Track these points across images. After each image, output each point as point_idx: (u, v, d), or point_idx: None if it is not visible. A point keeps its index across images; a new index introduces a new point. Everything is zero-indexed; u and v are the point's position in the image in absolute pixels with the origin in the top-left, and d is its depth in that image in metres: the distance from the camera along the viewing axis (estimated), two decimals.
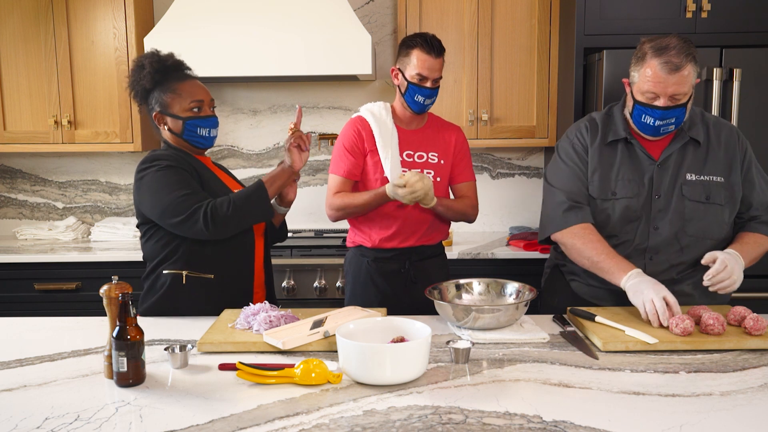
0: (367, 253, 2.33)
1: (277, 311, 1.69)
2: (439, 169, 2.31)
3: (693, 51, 1.80)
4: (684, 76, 1.77)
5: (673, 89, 1.78)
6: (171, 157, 1.88)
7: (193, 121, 1.91)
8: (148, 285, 1.94)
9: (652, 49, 1.80)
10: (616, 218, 1.90)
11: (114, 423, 1.19)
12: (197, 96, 1.93)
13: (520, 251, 3.04)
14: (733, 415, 1.21)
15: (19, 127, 3.23)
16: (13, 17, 3.16)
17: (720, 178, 1.88)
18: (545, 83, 3.17)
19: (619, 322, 1.66)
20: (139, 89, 1.93)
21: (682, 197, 1.88)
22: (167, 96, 1.91)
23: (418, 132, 2.34)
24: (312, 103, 3.52)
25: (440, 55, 2.22)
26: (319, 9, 3.04)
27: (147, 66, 1.90)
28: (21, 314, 2.18)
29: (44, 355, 1.56)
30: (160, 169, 1.84)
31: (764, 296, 2.65)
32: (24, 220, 3.62)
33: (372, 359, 1.32)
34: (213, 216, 1.78)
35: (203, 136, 1.94)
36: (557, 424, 1.16)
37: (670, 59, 1.77)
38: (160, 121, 1.94)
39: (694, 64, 1.79)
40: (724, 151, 1.90)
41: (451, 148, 2.35)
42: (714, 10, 2.76)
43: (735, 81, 2.64)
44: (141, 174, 1.87)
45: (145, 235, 1.94)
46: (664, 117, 1.82)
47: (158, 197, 1.82)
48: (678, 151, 1.91)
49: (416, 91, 2.22)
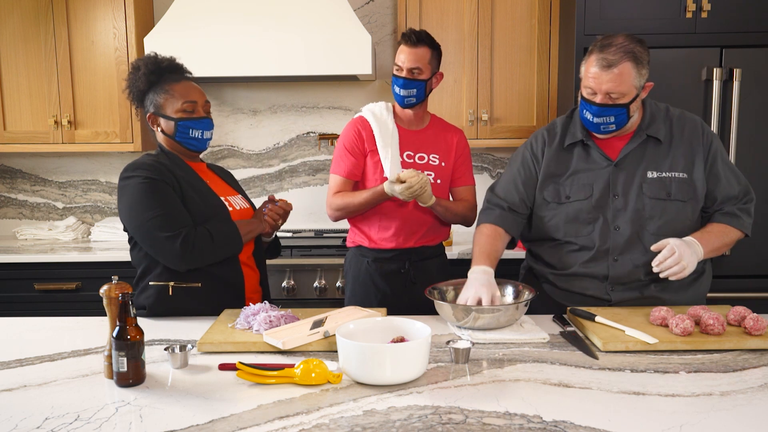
0: (367, 253, 2.33)
1: (277, 311, 1.69)
2: (439, 171, 2.31)
3: (637, 51, 1.77)
4: (619, 74, 1.76)
5: (607, 87, 1.78)
6: (154, 168, 1.82)
7: (185, 122, 1.88)
8: (137, 296, 1.90)
9: (597, 45, 1.81)
10: (569, 221, 1.92)
11: (114, 423, 1.19)
12: (190, 97, 1.89)
13: (519, 251, 3.03)
14: (733, 415, 1.21)
15: (19, 127, 3.23)
16: (13, 17, 3.16)
17: (683, 174, 1.87)
18: (545, 83, 3.17)
19: (619, 322, 1.67)
20: (135, 91, 1.92)
21: (641, 195, 1.87)
22: (161, 97, 1.89)
23: (420, 133, 2.33)
24: (312, 103, 3.52)
25: (416, 45, 2.19)
26: (319, 9, 3.04)
27: (142, 67, 1.89)
28: (21, 314, 2.18)
29: (44, 355, 1.56)
30: (140, 182, 1.79)
31: (764, 296, 2.64)
32: (24, 220, 3.62)
33: (372, 359, 1.32)
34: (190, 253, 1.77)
35: (196, 138, 1.91)
36: (557, 424, 1.16)
37: (606, 56, 1.77)
38: (154, 122, 1.92)
39: (635, 63, 1.77)
40: (686, 147, 1.89)
41: (452, 151, 2.35)
42: (714, 10, 2.76)
43: (735, 81, 2.64)
44: (122, 183, 1.83)
45: (131, 242, 1.91)
46: (601, 114, 1.82)
47: (134, 214, 1.79)
48: (636, 150, 1.90)
49: (394, 82, 2.23)
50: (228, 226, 1.86)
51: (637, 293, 1.88)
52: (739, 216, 1.88)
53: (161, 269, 1.85)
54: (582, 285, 1.92)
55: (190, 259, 1.79)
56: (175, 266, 1.81)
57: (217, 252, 1.84)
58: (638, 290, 1.88)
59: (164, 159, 1.89)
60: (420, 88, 2.23)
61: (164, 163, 1.87)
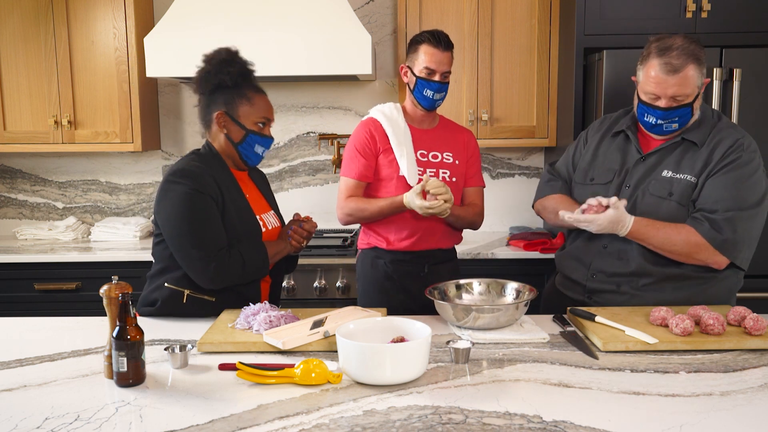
0: (383, 255, 2.30)
1: (277, 311, 1.69)
2: (454, 169, 2.29)
3: (698, 52, 1.79)
4: (684, 77, 1.77)
5: (673, 90, 1.78)
6: (201, 179, 1.78)
7: (255, 137, 1.88)
8: (149, 290, 1.88)
9: (656, 49, 1.81)
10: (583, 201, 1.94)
11: (114, 423, 1.19)
12: (267, 113, 1.91)
13: (520, 251, 3.03)
14: (733, 415, 1.21)
15: (19, 127, 3.23)
16: (13, 17, 3.16)
17: (692, 178, 1.85)
18: (545, 83, 3.17)
19: (619, 322, 1.67)
20: (216, 82, 1.84)
21: (645, 191, 1.88)
22: (241, 102, 1.86)
23: (431, 132, 2.32)
24: (312, 103, 3.52)
25: (448, 49, 2.21)
26: (319, 9, 3.04)
27: (237, 64, 1.85)
28: (21, 314, 2.18)
29: (44, 355, 1.56)
30: (186, 192, 1.76)
31: (764, 296, 2.64)
32: (24, 220, 3.62)
33: (372, 359, 1.32)
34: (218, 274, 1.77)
35: (257, 153, 1.91)
36: (557, 424, 1.16)
37: (670, 60, 1.77)
38: (222, 122, 1.86)
39: (698, 65, 1.79)
40: (708, 154, 1.86)
41: (465, 150, 2.34)
42: (714, 10, 2.76)
43: (735, 81, 2.64)
44: (166, 186, 1.79)
45: (157, 238, 1.88)
46: (666, 117, 1.83)
47: (173, 224, 1.77)
48: (667, 149, 1.91)
49: (425, 86, 2.21)
50: (259, 251, 1.85)
51: (614, 286, 1.90)
52: (701, 221, 1.79)
53: (181, 274, 1.83)
54: (570, 266, 1.99)
55: (219, 282, 1.80)
56: (203, 284, 1.81)
57: (246, 277, 1.85)
58: (615, 283, 1.90)
59: (212, 163, 1.86)
60: (445, 90, 2.26)
61: (211, 170, 1.83)
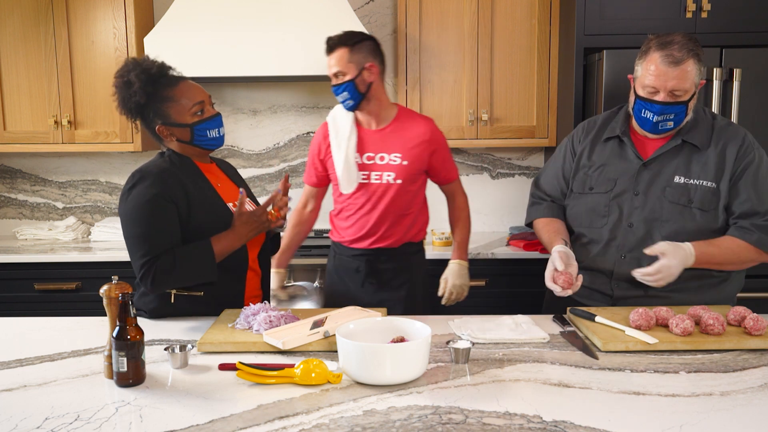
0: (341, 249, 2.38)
1: (277, 311, 1.69)
2: (400, 170, 2.24)
3: (697, 49, 1.80)
4: (684, 71, 1.78)
5: (672, 84, 1.79)
6: (160, 179, 1.76)
7: (200, 126, 1.84)
8: (137, 297, 1.87)
9: (656, 44, 1.82)
10: (587, 212, 1.96)
11: (114, 423, 1.19)
12: (197, 98, 1.83)
13: (520, 251, 3.03)
14: (733, 415, 1.21)
15: (19, 127, 3.23)
16: (13, 17, 3.16)
17: (711, 183, 1.85)
18: (545, 83, 3.17)
19: (619, 322, 1.67)
20: (133, 106, 1.81)
21: (662, 198, 1.87)
22: (165, 106, 1.81)
23: (381, 132, 2.27)
24: (312, 103, 3.52)
25: (330, 51, 2.18)
26: (319, 9, 3.04)
27: (135, 81, 1.78)
28: (21, 314, 2.18)
29: (44, 355, 1.56)
30: (139, 193, 1.74)
31: (764, 296, 2.65)
32: (24, 220, 3.62)
33: (372, 359, 1.32)
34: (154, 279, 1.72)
35: (213, 137, 1.87)
36: (557, 424, 1.16)
37: (672, 53, 1.78)
38: (165, 133, 1.85)
39: (697, 61, 1.80)
40: (720, 157, 1.86)
41: (422, 145, 2.25)
42: (714, 10, 2.76)
43: (735, 81, 2.64)
44: (125, 188, 1.78)
45: None
46: (663, 112, 1.82)
47: (123, 226, 1.77)
48: (669, 153, 1.90)
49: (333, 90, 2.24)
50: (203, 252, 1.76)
51: (641, 291, 1.89)
52: (751, 231, 1.82)
53: None
54: (587, 279, 1.93)
55: (158, 287, 1.74)
56: (146, 288, 1.76)
57: (182, 281, 1.78)
58: (642, 288, 1.88)
59: (176, 162, 1.85)
60: (349, 90, 2.16)
61: (174, 169, 1.82)
